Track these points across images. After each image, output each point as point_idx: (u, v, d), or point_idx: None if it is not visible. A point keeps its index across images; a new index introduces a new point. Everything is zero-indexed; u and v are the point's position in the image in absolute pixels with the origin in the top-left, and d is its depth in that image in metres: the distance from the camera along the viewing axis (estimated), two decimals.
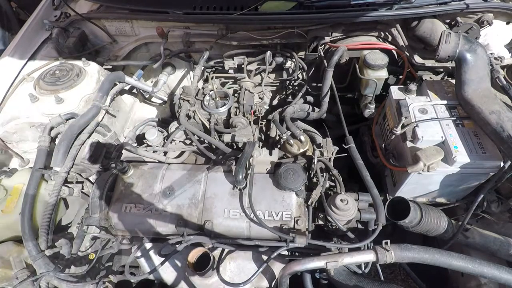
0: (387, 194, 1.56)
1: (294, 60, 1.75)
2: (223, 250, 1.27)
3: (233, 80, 1.91)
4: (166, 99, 2.08)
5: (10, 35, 3.15)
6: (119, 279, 1.36)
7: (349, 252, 1.13)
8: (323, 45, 1.67)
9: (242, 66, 1.78)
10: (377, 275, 1.30)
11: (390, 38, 1.68)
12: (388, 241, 1.10)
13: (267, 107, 1.77)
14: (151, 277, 1.29)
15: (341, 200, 1.18)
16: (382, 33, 1.67)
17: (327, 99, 1.65)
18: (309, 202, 1.27)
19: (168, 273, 1.29)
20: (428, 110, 1.34)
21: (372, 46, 1.60)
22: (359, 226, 1.29)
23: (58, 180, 1.37)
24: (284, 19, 1.62)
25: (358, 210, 1.26)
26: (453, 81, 1.43)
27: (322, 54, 1.65)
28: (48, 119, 1.44)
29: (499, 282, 1.08)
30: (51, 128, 1.44)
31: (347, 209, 1.18)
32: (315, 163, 1.30)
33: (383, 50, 1.58)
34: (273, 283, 1.25)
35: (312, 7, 1.58)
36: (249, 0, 1.64)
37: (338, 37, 1.69)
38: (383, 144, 1.52)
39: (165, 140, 1.57)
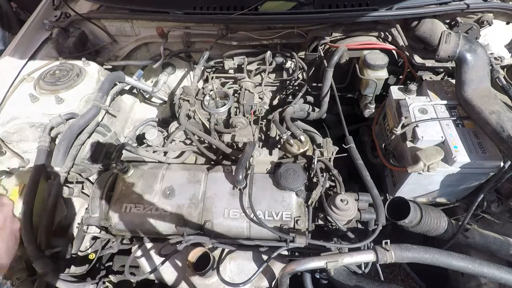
0: (387, 194, 1.56)
1: (294, 60, 1.75)
2: (223, 250, 1.28)
3: (233, 80, 1.91)
4: (166, 99, 2.08)
5: (10, 35, 3.16)
6: (119, 279, 1.36)
7: (349, 252, 1.13)
8: (323, 45, 1.67)
9: (242, 66, 1.78)
10: (377, 275, 1.30)
11: (390, 38, 1.68)
12: (388, 241, 1.10)
13: (267, 107, 1.77)
14: (151, 277, 1.29)
15: (341, 200, 1.18)
16: (382, 33, 1.67)
17: (327, 99, 1.65)
18: (309, 202, 1.27)
19: (168, 273, 1.29)
20: (428, 110, 1.34)
21: (372, 46, 1.60)
22: (359, 226, 1.29)
23: (58, 180, 1.37)
24: (284, 19, 1.62)
25: (358, 210, 1.26)
26: (453, 81, 1.43)
27: (322, 54, 1.65)
28: (48, 119, 1.44)
29: (499, 282, 1.08)
30: (51, 128, 1.44)
31: (347, 209, 1.18)
32: (315, 163, 1.30)
33: (383, 50, 1.58)
34: (273, 283, 1.25)
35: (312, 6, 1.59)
36: (249, 0, 1.64)
37: (338, 37, 1.69)
38: (383, 144, 1.53)
39: (165, 140, 1.57)
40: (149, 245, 1.33)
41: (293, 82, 1.88)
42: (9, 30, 3.17)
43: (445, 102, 1.38)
